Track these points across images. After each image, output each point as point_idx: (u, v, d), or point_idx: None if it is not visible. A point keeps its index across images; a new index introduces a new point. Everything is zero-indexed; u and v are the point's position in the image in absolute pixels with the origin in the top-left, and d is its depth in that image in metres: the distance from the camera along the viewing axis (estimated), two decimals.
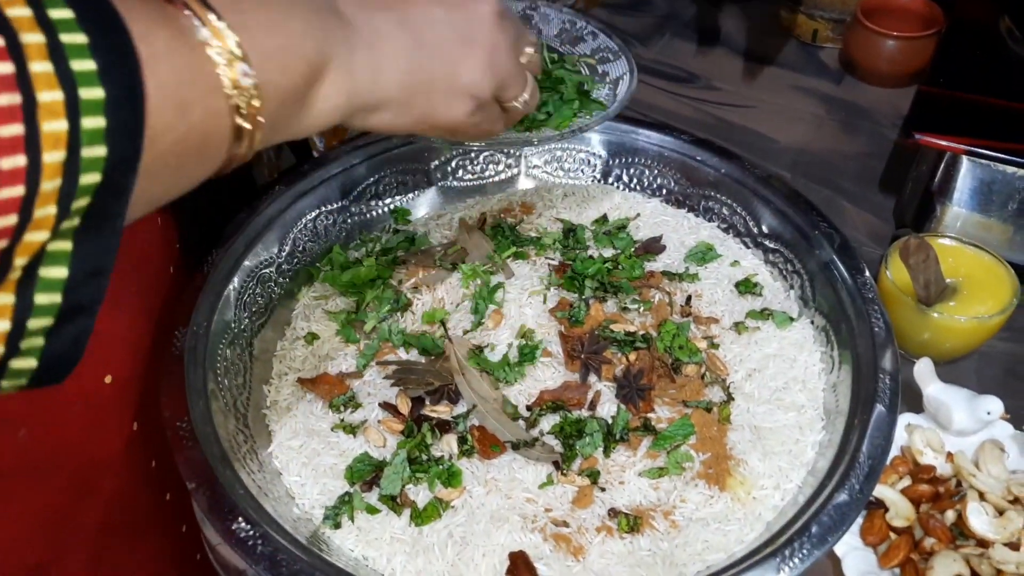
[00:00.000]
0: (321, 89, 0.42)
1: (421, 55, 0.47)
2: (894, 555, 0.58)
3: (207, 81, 0.35)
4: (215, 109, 0.36)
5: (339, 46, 0.42)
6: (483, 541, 0.60)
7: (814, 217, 0.77)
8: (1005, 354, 0.78)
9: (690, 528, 0.60)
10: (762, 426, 0.66)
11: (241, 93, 0.36)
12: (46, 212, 0.29)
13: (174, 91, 0.33)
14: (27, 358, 0.32)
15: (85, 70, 0.29)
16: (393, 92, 0.46)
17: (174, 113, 0.33)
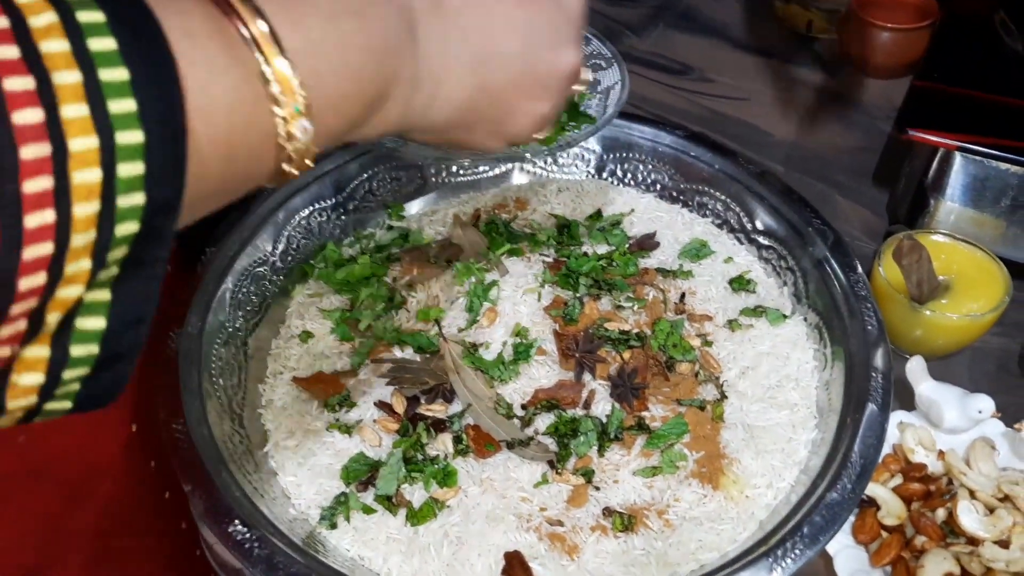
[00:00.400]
0: (373, 119, 0.40)
1: (481, 99, 0.45)
2: (885, 553, 0.59)
3: (261, 131, 0.33)
4: (262, 154, 0.34)
5: (404, 83, 0.40)
6: (478, 541, 0.60)
7: (808, 214, 0.77)
8: (997, 350, 0.78)
9: (684, 527, 0.60)
10: (755, 424, 0.66)
11: (295, 145, 0.34)
12: (79, 267, 0.27)
13: (224, 140, 0.31)
14: (61, 401, 0.30)
15: (124, 112, 0.27)
16: (439, 125, 0.45)
17: (220, 162, 0.31)
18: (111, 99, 0.27)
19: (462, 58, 0.43)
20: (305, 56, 0.34)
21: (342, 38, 0.36)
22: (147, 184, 0.28)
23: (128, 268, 0.29)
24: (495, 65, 0.45)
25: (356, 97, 0.38)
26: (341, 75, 0.36)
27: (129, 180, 0.27)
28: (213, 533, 0.56)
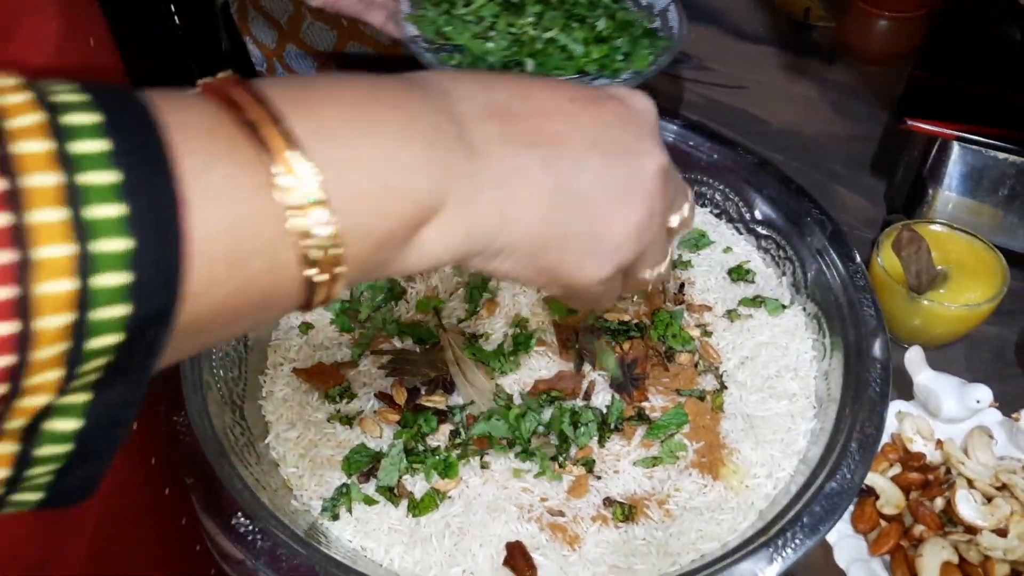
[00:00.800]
0: (430, 230, 0.35)
1: (564, 204, 0.39)
2: (884, 542, 0.59)
3: (272, 228, 0.29)
4: (280, 261, 0.30)
5: (461, 182, 0.35)
6: (480, 531, 0.60)
7: (806, 203, 0.77)
8: (994, 338, 0.79)
9: (684, 517, 0.61)
10: (755, 414, 0.67)
11: (316, 243, 0.30)
12: (45, 378, 0.25)
13: (226, 242, 0.28)
14: (30, 493, 0.29)
15: (107, 217, 0.25)
16: (521, 240, 0.38)
17: (225, 267, 0.28)
18: (93, 204, 0.25)
19: (530, 157, 0.38)
20: (318, 140, 0.30)
21: (368, 123, 0.33)
22: (134, 294, 0.26)
23: (112, 374, 0.27)
24: (569, 164, 0.39)
25: (398, 190, 0.33)
26: (371, 161, 0.32)
27: (109, 291, 0.25)
28: (216, 525, 0.56)
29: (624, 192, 0.40)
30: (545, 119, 0.39)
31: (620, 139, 0.40)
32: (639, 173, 0.41)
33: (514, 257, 0.39)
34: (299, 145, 0.29)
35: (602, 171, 0.39)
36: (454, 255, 0.37)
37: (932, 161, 0.81)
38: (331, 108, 0.32)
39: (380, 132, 0.33)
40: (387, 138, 0.33)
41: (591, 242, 0.40)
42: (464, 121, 0.36)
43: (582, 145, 0.39)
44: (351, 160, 0.31)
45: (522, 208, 0.38)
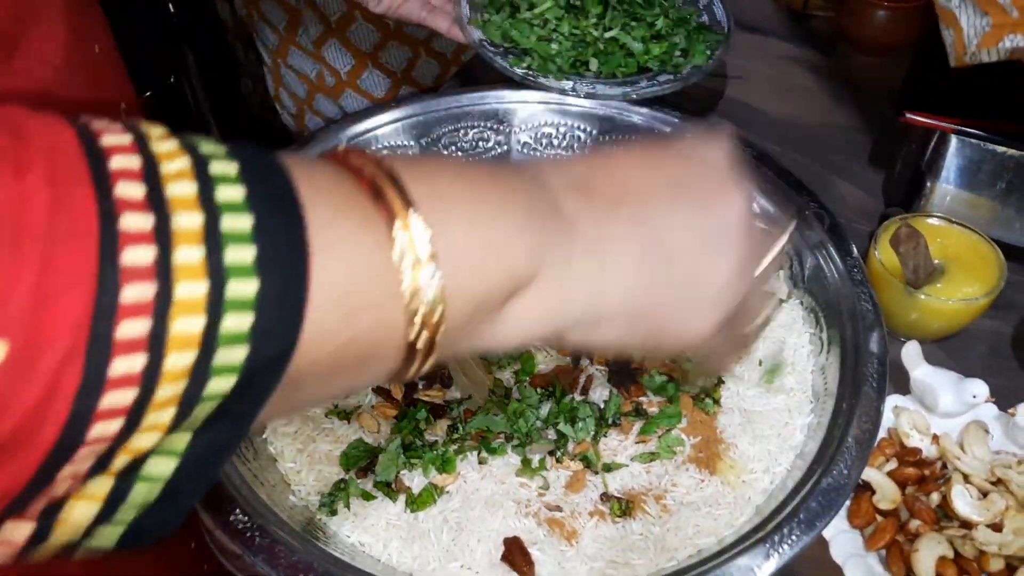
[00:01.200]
0: (523, 301, 0.35)
1: (657, 264, 0.38)
2: (880, 537, 0.60)
3: (385, 284, 0.30)
4: (388, 319, 0.30)
5: (554, 252, 0.35)
6: (478, 527, 0.60)
7: (805, 197, 0.77)
8: (990, 332, 0.79)
9: (681, 512, 0.61)
10: (752, 409, 0.67)
11: (422, 302, 0.30)
12: (161, 417, 0.25)
13: (344, 293, 0.28)
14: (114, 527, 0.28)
15: (241, 260, 0.25)
16: (618, 307, 0.38)
17: (338, 318, 0.29)
18: (232, 246, 0.25)
19: (618, 217, 0.38)
20: (431, 200, 0.31)
21: (472, 188, 0.34)
22: (254, 337, 0.26)
23: (216, 419, 0.27)
24: (657, 217, 0.39)
25: (497, 253, 0.33)
26: (475, 222, 0.33)
27: (234, 334, 0.25)
28: (214, 522, 0.56)
29: (714, 243, 0.40)
30: (625, 184, 0.39)
31: (700, 189, 0.40)
32: (725, 222, 0.41)
33: (615, 324, 0.39)
34: (415, 204, 0.30)
35: (689, 223, 0.39)
36: (548, 328, 0.37)
37: (930, 154, 0.81)
38: (441, 175, 0.33)
39: (485, 198, 0.34)
40: (491, 204, 0.34)
41: (691, 296, 0.40)
42: (554, 193, 0.37)
43: (665, 200, 0.39)
44: (459, 222, 0.32)
45: (615, 274, 0.37)
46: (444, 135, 0.87)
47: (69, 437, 0.24)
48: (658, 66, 0.86)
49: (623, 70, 0.85)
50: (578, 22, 0.86)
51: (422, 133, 0.86)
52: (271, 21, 1.14)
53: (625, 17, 0.87)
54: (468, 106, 0.86)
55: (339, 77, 1.15)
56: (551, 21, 0.86)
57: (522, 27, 0.85)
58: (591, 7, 0.87)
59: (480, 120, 0.87)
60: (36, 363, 0.22)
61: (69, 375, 0.23)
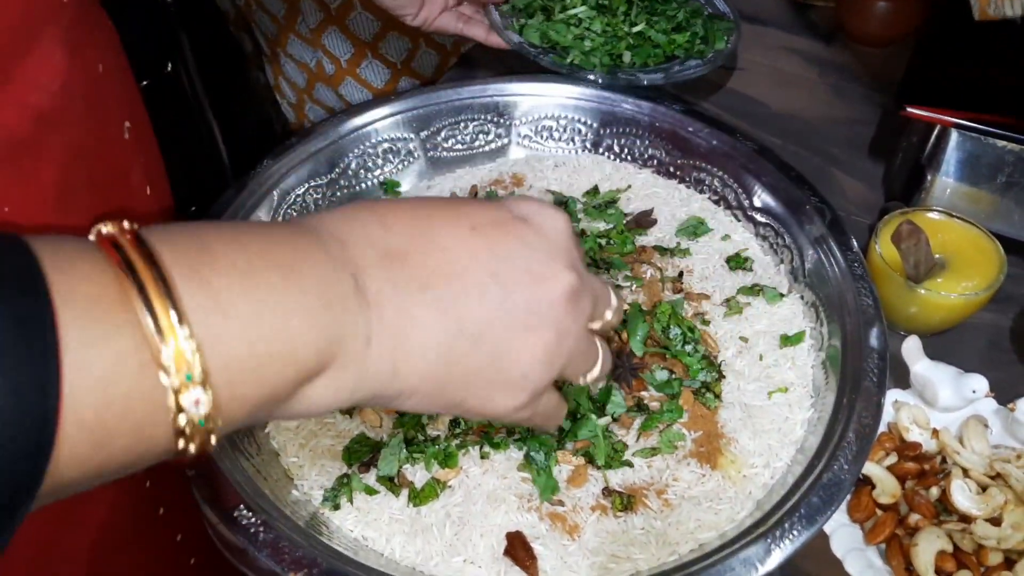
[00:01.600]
0: (316, 385, 0.36)
1: (461, 343, 0.39)
2: (880, 531, 0.60)
3: (144, 407, 0.29)
4: (150, 435, 0.30)
5: (352, 340, 0.36)
6: (480, 521, 0.61)
7: (805, 191, 0.77)
8: (988, 325, 0.79)
9: (682, 507, 0.61)
10: (752, 404, 0.67)
11: (190, 418, 0.30)
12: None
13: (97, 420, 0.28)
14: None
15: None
16: (417, 383, 0.39)
17: (91, 447, 0.28)
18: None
19: (423, 302, 0.38)
20: (208, 315, 0.30)
21: (259, 293, 0.32)
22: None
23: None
24: (466, 300, 0.39)
25: (282, 357, 0.33)
26: (257, 333, 0.32)
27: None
28: (218, 518, 0.56)
29: (528, 322, 0.40)
30: (443, 255, 0.39)
31: (523, 266, 0.40)
32: (543, 299, 0.40)
33: (415, 398, 0.40)
34: (188, 321, 0.29)
35: (502, 303, 0.39)
36: (341, 404, 0.37)
37: (931, 148, 0.81)
38: (224, 277, 0.31)
39: (269, 303, 0.32)
40: (276, 309, 0.33)
41: (496, 375, 0.40)
42: (359, 271, 0.36)
43: (480, 279, 0.39)
44: (238, 335, 0.31)
45: (415, 355, 0.38)
46: (444, 128, 0.86)
47: None
48: (684, 54, 0.95)
49: (653, 59, 0.93)
50: (609, 20, 0.94)
51: (422, 126, 0.86)
52: (270, 10, 1.14)
53: (647, 13, 0.96)
54: (468, 99, 0.86)
55: (339, 65, 1.15)
56: (584, 20, 0.94)
57: (559, 27, 0.93)
58: (617, 4, 0.95)
59: (480, 113, 0.87)
60: None
61: None
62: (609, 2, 0.96)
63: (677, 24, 0.97)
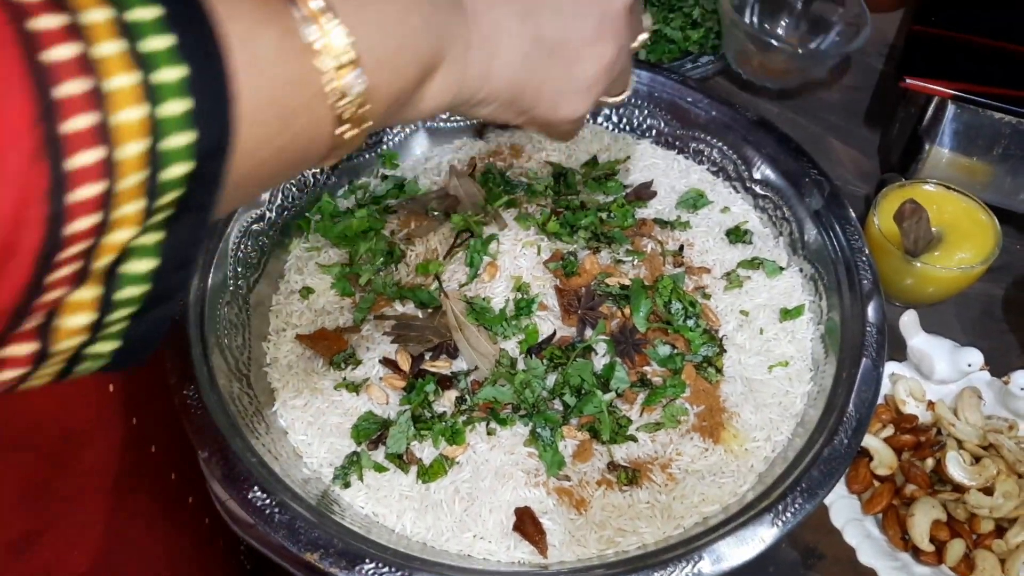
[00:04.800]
0: (431, 85, 0.40)
1: (540, 52, 0.44)
2: (877, 502, 0.62)
3: (313, 87, 0.32)
4: (320, 117, 0.33)
5: (455, 42, 0.40)
6: (489, 497, 0.62)
7: (804, 163, 0.77)
8: (982, 294, 0.81)
9: (686, 481, 0.63)
10: (753, 378, 0.68)
11: (350, 101, 0.34)
12: (131, 208, 0.27)
13: (278, 100, 0.31)
14: (109, 342, 0.31)
15: (162, 48, 0.26)
16: (503, 90, 0.44)
17: (277, 123, 0.31)
18: (147, 37, 0.26)
19: (509, 12, 0.42)
20: (347, 4, 0.33)
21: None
22: (195, 120, 0.27)
23: (180, 210, 0.29)
24: (544, 14, 0.44)
25: (408, 52, 0.37)
26: (388, 24, 0.36)
27: (175, 118, 0.27)
28: (233, 499, 0.57)
29: (596, 33, 0.46)
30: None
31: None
32: (608, 12, 0.46)
33: (495, 104, 0.45)
34: (334, 11, 0.32)
35: (574, 16, 0.45)
36: (447, 106, 0.42)
37: (929, 119, 0.81)
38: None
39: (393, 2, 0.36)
40: (399, 4, 0.36)
41: (566, 84, 0.46)
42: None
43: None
44: (374, 24, 0.35)
45: (503, 61, 0.43)
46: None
47: (51, 238, 0.25)
48: (698, 49, 1.00)
49: (668, 56, 1.00)
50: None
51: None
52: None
53: (664, 11, 1.02)
54: None
55: None
56: None
57: None
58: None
59: None
60: (4, 169, 0.23)
61: (36, 175, 0.24)
62: None
63: (692, 21, 1.02)
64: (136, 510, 0.70)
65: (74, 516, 0.63)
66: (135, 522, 0.70)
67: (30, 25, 0.24)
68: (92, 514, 0.64)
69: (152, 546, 0.72)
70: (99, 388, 0.63)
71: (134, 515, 0.70)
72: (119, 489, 0.67)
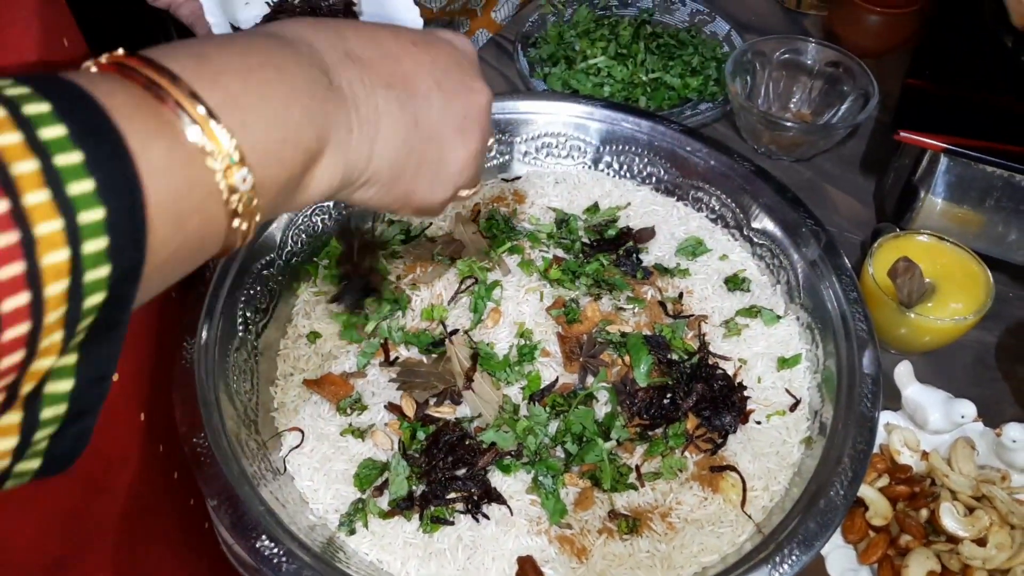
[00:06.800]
0: (317, 171, 0.42)
1: (417, 136, 0.46)
2: (873, 552, 0.63)
3: (204, 189, 0.34)
4: (212, 215, 0.35)
5: (338, 128, 0.42)
6: (492, 545, 0.63)
7: (801, 213, 0.79)
8: (974, 342, 0.82)
9: (686, 530, 0.64)
10: (751, 426, 0.70)
11: (239, 197, 0.36)
12: (52, 340, 0.29)
13: (171, 205, 0.33)
14: (31, 460, 0.33)
15: (83, 192, 0.29)
16: (384, 169, 0.45)
17: (171, 227, 0.33)
18: (70, 183, 0.28)
19: (388, 98, 0.44)
20: (229, 109, 0.35)
21: (262, 88, 0.37)
22: (111, 255, 0.30)
23: (94, 332, 0.31)
24: (420, 102, 0.46)
25: (291, 144, 0.39)
26: (270, 121, 0.37)
27: (95, 255, 0.29)
28: (242, 548, 0.58)
29: (462, 126, 0.48)
30: (394, 62, 0.45)
31: (456, 77, 0.48)
32: (472, 108, 0.49)
33: (376, 186, 0.46)
34: (216, 116, 0.34)
35: (445, 107, 0.47)
36: (334, 190, 0.44)
37: (923, 170, 0.83)
38: (230, 78, 0.36)
39: (272, 96, 0.38)
40: (278, 100, 0.38)
41: (439, 168, 0.48)
42: (329, 69, 0.42)
43: (428, 84, 0.47)
44: (255, 124, 0.36)
45: (386, 143, 0.44)
46: None
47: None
48: (697, 96, 1.03)
49: (668, 103, 1.02)
50: (627, 69, 1.04)
51: None
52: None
53: (664, 59, 1.06)
54: None
55: None
56: (603, 69, 1.05)
57: (579, 76, 1.04)
58: (636, 52, 1.05)
59: None
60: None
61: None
62: (628, 50, 1.05)
63: (692, 68, 1.04)
64: (158, 534, 0.72)
65: (103, 540, 0.65)
66: (156, 546, 0.72)
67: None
68: (119, 538, 0.66)
69: (172, 568, 0.74)
70: (131, 417, 0.65)
71: (156, 539, 0.72)
72: (144, 514, 0.69)
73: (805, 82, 1.02)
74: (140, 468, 0.67)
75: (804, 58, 1.02)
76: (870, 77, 0.95)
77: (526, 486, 0.66)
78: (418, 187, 0.48)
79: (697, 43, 1.08)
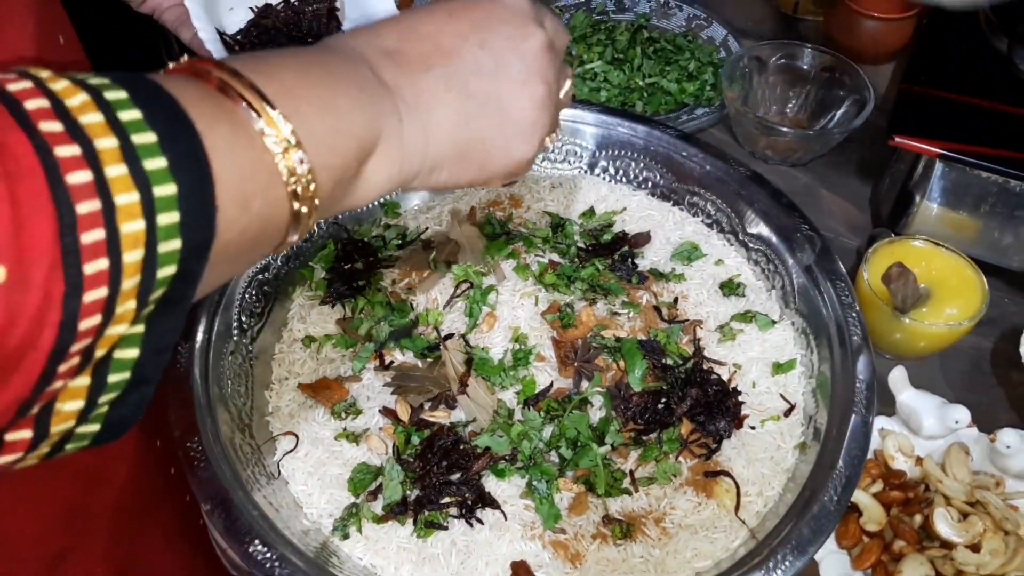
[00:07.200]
0: (373, 162, 0.42)
1: (473, 107, 0.46)
2: (867, 558, 0.63)
3: (266, 171, 0.36)
4: (274, 198, 0.37)
5: (388, 117, 0.42)
6: (485, 550, 0.63)
7: (796, 219, 0.79)
8: (970, 348, 0.82)
9: (680, 535, 0.64)
10: (746, 431, 0.70)
11: (298, 180, 0.37)
12: (126, 307, 0.31)
13: (236, 185, 0.34)
14: (92, 424, 0.34)
15: (157, 168, 0.30)
16: (448, 153, 0.45)
17: (237, 207, 0.34)
18: (145, 159, 0.30)
19: (431, 80, 0.45)
20: (285, 98, 0.37)
21: (313, 82, 0.39)
22: (182, 230, 0.31)
23: (162, 305, 0.33)
24: (464, 69, 0.46)
25: (343, 132, 0.40)
26: (321, 110, 0.39)
27: (167, 228, 0.31)
28: (235, 553, 0.58)
29: (521, 76, 0.47)
30: (431, 42, 0.46)
31: (503, 31, 0.47)
32: (527, 54, 0.48)
33: (447, 168, 0.46)
34: (273, 103, 0.36)
35: (497, 65, 0.47)
36: (396, 182, 0.44)
37: (919, 175, 0.83)
38: (285, 74, 0.39)
39: (323, 86, 0.40)
40: (329, 90, 0.40)
41: (509, 128, 0.47)
42: (373, 64, 0.43)
43: (472, 51, 0.46)
44: (308, 112, 0.38)
45: (440, 125, 0.45)
46: None
47: (64, 335, 0.29)
48: (693, 101, 1.04)
49: (664, 108, 1.03)
50: (624, 73, 1.04)
51: None
52: None
53: (661, 63, 1.06)
54: None
55: None
56: (600, 74, 1.05)
57: (576, 81, 1.04)
58: (633, 57, 1.06)
59: None
60: (30, 278, 0.27)
61: (55, 282, 0.28)
62: (624, 55, 1.05)
63: (688, 73, 1.05)
64: (155, 528, 0.72)
65: (101, 533, 0.65)
66: (154, 540, 0.72)
67: (53, 156, 0.28)
68: (118, 531, 0.67)
69: (168, 563, 0.74)
70: None
71: (153, 533, 0.72)
72: (142, 507, 0.69)
73: (801, 87, 1.02)
74: (137, 462, 0.68)
75: (800, 63, 1.02)
76: (866, 82, 0.95)
77: (520, 491, 0.66)
78: (493, 154, 0.47)
79: (694, 48, 1.09)
